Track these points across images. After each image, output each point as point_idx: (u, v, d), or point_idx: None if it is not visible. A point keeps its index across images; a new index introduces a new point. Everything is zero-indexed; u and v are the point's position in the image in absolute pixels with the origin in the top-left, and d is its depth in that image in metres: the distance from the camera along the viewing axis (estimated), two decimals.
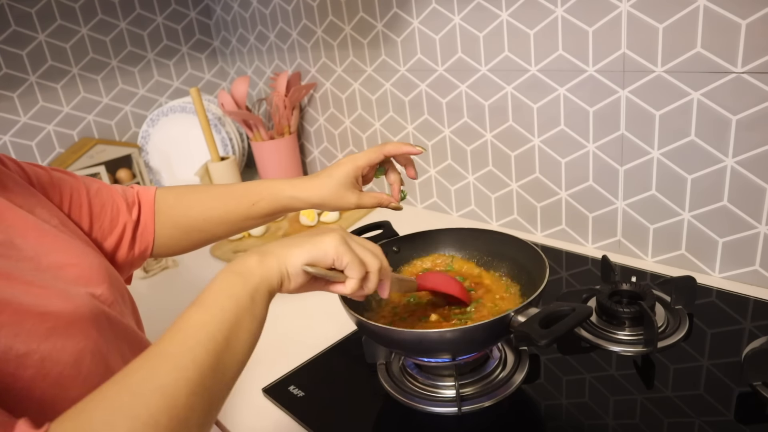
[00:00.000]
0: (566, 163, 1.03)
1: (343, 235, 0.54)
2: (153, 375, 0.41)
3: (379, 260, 0.56)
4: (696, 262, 0.93)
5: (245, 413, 0.76)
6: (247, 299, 0.48)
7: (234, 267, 0.50)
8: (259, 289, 0.49)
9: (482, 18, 1.04)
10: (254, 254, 0.51)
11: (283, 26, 1.48)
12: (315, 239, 0.53)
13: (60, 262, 0.54)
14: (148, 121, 1.58)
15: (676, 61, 0.83)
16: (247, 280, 0.49)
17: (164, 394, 0.39)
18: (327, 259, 0.52)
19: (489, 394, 0.71)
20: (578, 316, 0.58)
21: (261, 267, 0.50)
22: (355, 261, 0.53)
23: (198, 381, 0.42)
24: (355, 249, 0.54)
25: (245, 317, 0.47)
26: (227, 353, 0.45)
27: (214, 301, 0.47)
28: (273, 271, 0.51)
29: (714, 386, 0.69)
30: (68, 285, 0.52)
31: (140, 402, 0.38)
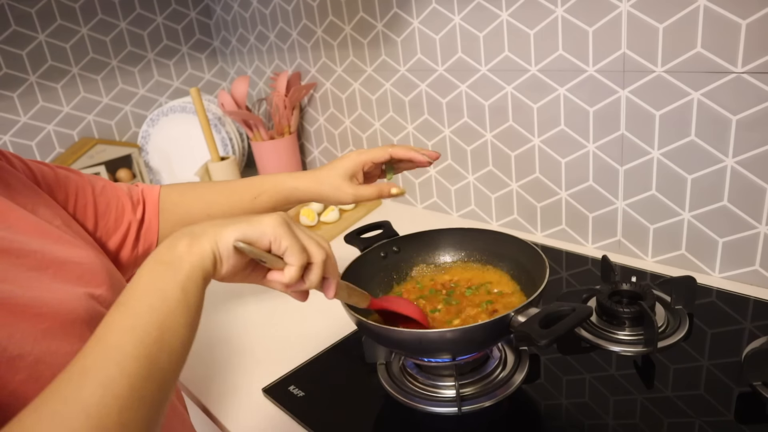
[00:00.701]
0: (566, 163, 1.03)
1: (286, 218, 0.49)
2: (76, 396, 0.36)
3: (324, 252, 0.51)
4: (696, 262, 0.93)
5: (245, 413, 0.76)
6: (178, 292, 0.43)
7: (161, 255, 0.45)
8: (191, 277, 0.44)
9: (482, 18, 1.04)
10: (184, 236, 0.46)
11: (283, 26, 1.48)
12: (253, 218, 0.48)
13: (60, 262, 0.53)
14: (148, 121, 1.58)
15: (676, 61, 0.83)
16: (177, 269, 0.44)
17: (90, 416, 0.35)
18: (263, 240, 0.47)
19: (489, 394, 0.71)
20: (578, 316, 0.58)
21: (191, 252, 0.45)
22: (296, 246, 0.48)
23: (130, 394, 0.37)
24: (299, 234, 0.49)
25: (178, 311, 0.43)
26: (162, 355, 0.40)
27: (140, 299, 0.42)
28: (206, 253, 0.45)
29: (714, 386, 0.69)
30: (67, 285, 0.51)
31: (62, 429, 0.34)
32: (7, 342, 0.42)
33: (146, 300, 0.42)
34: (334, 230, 1.28)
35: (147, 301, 0.42)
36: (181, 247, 0.45)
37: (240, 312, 1.01)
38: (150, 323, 0.41)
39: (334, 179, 0.75)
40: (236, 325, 0.97)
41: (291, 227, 0.49)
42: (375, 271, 0.83)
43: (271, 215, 0.48)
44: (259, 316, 0.99)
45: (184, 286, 0.44)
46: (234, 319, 0.99)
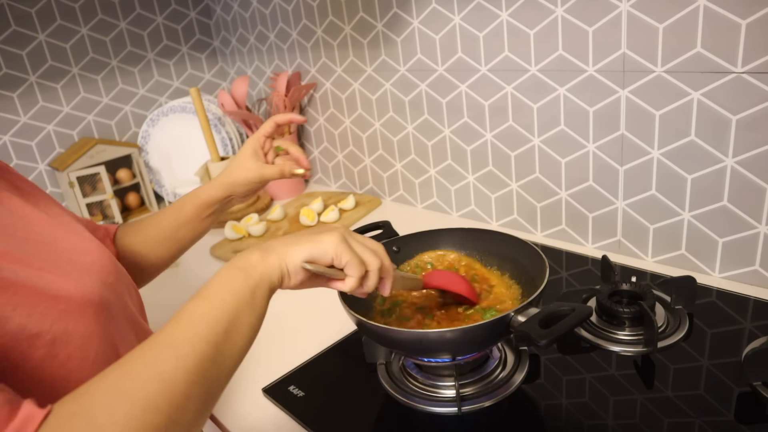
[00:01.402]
0: (566, 163, 1.03)
1: (344, 234, 0.55)
2: (154, 362, 0.42)
3: (379, 259, 0.57)
4: (696, 262, 0.93)
5: (245, 413, 0.76)
6: (248, 294, 0.49)
7: (237, 262, 0.51)
8: (260, 284, 0.50)
9: (482, 18, 1.04)
10: (257, 250, 0.53)
11: (283, 26, 1.48)
12: (315, 237, 0.54)
13: (73, 250, 0.57)
14: (148, 121, 1.58)
15: (676, 61, 0.83)
16: (249, 275, 0.50)
17: (163, 381, 0.40)
18: (326, 258, 0.53)
19: (489, 394, 0.71)
20: (578, 316, 0.58)
21: (262, 263, 0.51)
22: (354, 260, 0.54)
23: (197, 370, 0.43)
24: (355, 248, 0.55)
25: (245, 311, 0.48)
26: (226, 345, 0.46)
27: (216, 294, 0.48)
28: (274, 267, 0.52)
29: (714, 386, 0.69)
30: (80, 272, 0.54)
31: (140, 387, 0.39)
32: (27, 320, 0.45)
33: (221, 295, 0.48)
34: None
35: (221, 296, 0.48)
36: (255, 258, 0.52)
37: None
38: (221, 315, 0.47)
39: (239, 162, 0.82)
40: None
41: (349, 242, 0.55)
42: None
43: (331, 232, 0.54)
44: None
45: (254, 290, 0.50)
46: None
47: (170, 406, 0.40)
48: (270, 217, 1.38)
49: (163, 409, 0.39)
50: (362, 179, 1.49)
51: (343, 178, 1.55)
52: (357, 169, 1.49)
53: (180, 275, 1.19)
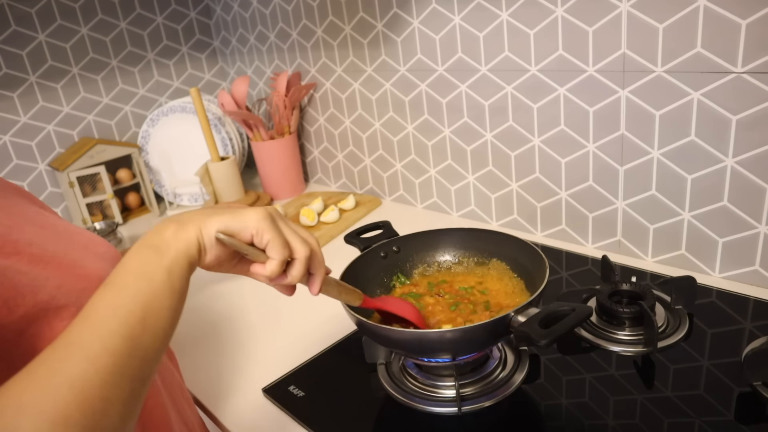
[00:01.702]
0: (566, 163, 1.03)
1: (272, 213, 0.51)
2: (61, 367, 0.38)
3: (308, 248, 0.52)
4: (696, 262, 0.93)
5: (245, 413, 0.76)
6: (163, 275, 0.45)
7: (149, 240, 0.47)
8: (176, 262, 0.46)
9: (482, 18, 1.04)
10: (171, 223, 0.48)
11: (283, 26, 1.48)
12: (239, 210, 0.50)
13: (87, 241, 0.57)
14: (148, 121, 1.58)
15: (676, 61, 0.83)
16: (163, 254, 0.46)
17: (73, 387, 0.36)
18: (245, 233, 0.49)
19: (489, 394, 0.71)
20: (578, 316, 0.58)
21: (177, 238, 0.47)
22: (278, 240, 0.49)
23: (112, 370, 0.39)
24: (283, 229, 0.51)
25: (162, 294, 0.44)
26: (144, 335, 0.42)
27: (126, 280, 0.44)
28: (191, 240, 0.47)
29: (714, 386, 0.69)
30: (96, 258, 0.54)
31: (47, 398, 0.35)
32: (56, 291, 0.46)
33: (132, 281, 0.44)
34: (334, 230, 1.28)
35: (133, 282, 0.44)
36: (168, 233, 0.47)
37: (240, 312, 1.01)
38: (135, 303, 0.42)
39: None
40: (236, 325, 0.97)
41: (275, 221, 0.50)
42: (375, 271, 0.83)
43: (257, 208, 0.50)
44: (259, 316, 0.99)
45: (170, 270, 0.45)
46: (234, 319, 0.99)
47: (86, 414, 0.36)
48: None
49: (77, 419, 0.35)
50: (362, 179, 1.49)
51: (343, 178, 1.55)
52: (357, 169, 1.49)
53: None
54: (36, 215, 0.56)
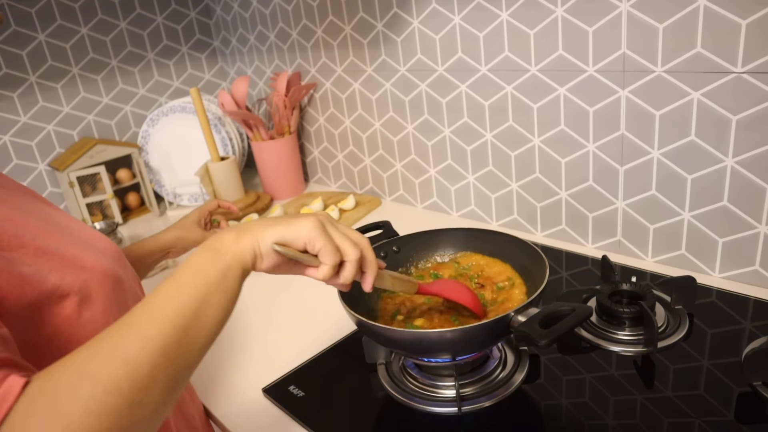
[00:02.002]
0: (566, 163, 1.03)
1: (323, 220, 0.54)
2: (120, 344, 0.42)
3: (358, 250, 0.55)
4: (696, 262, 0.93)
5: (245, 413, 0.76)
6: (219, 275, 0.49)
7: (211, 243, 0.51)
8: (232, 265, 0.50)
9: (482, 18, 1.04)
10: (232, 231, 0.52)
11: (283, 26, 1.48)
12: (292, 220, 0.53)
13: (89, 237, 0.61)
14: (148, 121, 1.58)
15: (676, 61, 0.83)
16: (221, 256, 0.50)
17: (127, 363, 0.41)
18: (299, 242, 0.53)
19: (489, 394, 0.71)
20: (578, 316, 0.58)
21: (235, 245, 0.51)
22: (329, 247, 0.53)
23: (162, 353, 0.43)
24: (333, 235, 0.54)
25: (216, 293, 0.48)
26: (194, 327, 0.46)
27: (186, 275, 0.48)
28: (247, 248, 0.51)
29: (714, 386, 0.69)
30: (97, 253, 0.58)
31: (105, 369, 0.40)
32: (60, 282, 0.50)
33: (191, 277, 0.48)
34: None
35: (192, 277, 0.48)
36: (228, 239, 0.51)
37: (240, 312, 1.01)
38: (191, 296, 0.47)
39: (184, 228, 0.96)
40: (237, 325, 0.97)
41: (326, 228, 0.54)
42: None
43: (309, 217, 0.53)
44: (260, 316, 0.99)
45: (225, 272, 0.49)
46: (234, 319, 0.99)
47: (133, 387, 0.40)
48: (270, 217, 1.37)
49: (126, 391, 0.40)
50: (362, 179, 1.49)
51: (343, 178, 1.55)
52: (357, 169, 1.49)
53: None
54: (40, 211, 0.59)
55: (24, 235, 0.50)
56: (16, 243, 0.49)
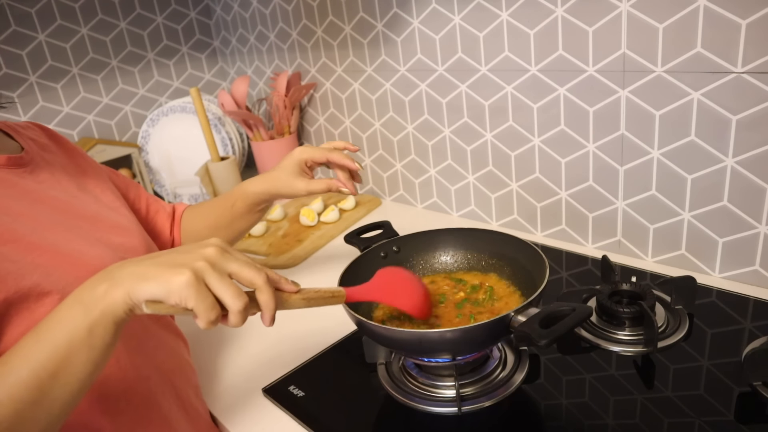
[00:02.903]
0: (566, 163, 1.03)
1: (201, 269, 0.48)
2: None
3: (241, 301, 0.50)
4: (696, 262, 0.93)
5: (245, 413, 0.76)
6: (84, 332, 0.46)
7: (80, 294, 0.48)
8: (101, 321, 0.47)
9: (482, 18, 1.04)
10: (105, 280, 0.48)
11: (283, 26, 1.48)
12: (166, 274, 0.48)
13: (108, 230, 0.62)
14: (148, 121, 1.58)
15: (676, 61, 0.83)
16: (88, 311, 0.47)
17: None
18: (171, 299, 0.48)
19: (489, 394, 0.71)
20: (578, 316, 0.58)
21: (105, 298, 0.47)
22: (201, 306, 0.48)
23: (14, 417, 0.42)
24: (213, 287, 0.49)
25: (80, 350, 0.46)
26: (55, 387, 0.45)
27: (47, 332, 0.46)
28: (118, 302, 0.47)
29: (714, 386, 0.69)
30: (106, 247, 0.58)
31: None
32: (42, 279, 0.50)
33: (53, 335, 0.46)
34: (334, 230, 1.28)
35: (54, 336, 0.46)
36: (99, 291, 0.47)
37: None
38: (49, 357, 0.45)
39: (285, 177, 0.85)
40: None
41: (205, 279, 0.48)
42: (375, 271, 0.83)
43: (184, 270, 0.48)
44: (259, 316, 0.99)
45: (91, 329, 0.46)
46: None
47: None
48: (270, 217, 1.38)
49: None
50: (362, 179, 1.49)
51: None
52: None
53: None
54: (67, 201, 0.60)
55: (20, 229, 0.51)
56: (9, 237, 0.49)
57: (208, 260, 0.49)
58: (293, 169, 0.85)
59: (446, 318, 0.75)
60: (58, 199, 0.60)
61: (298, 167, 0.85)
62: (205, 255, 0.49)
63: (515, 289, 0.79)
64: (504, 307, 0.76)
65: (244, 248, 1.24)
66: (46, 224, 0.54)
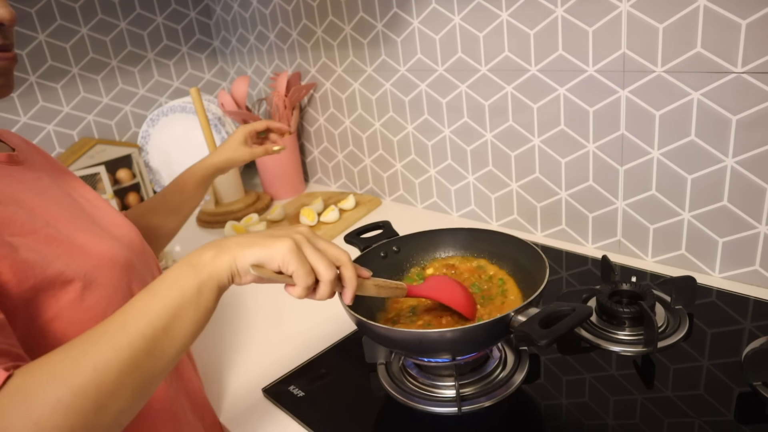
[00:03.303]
0: (566, 163, 1.03)
1: (299, 240, 0.55)
2: (92, 350, 0.45)
3: (333, 271, 0.56)
4: (696, 262, 0.93)
5: (245, 413, 0.76)
6: (194, 291, 0.50)
7: (191, 258, 0.53)
8: (208, 282, 0.51)
9: (482, 18, 1.04)
10: (212, 248, 0.53)
11: (283, 26, 1.48)
12: (268, 241, 0.54)
13: (108, 223, 0.65)
14: (148, 121, 1.58)
15: (676, 61, 0.83)
16: (198, 272, 0.51)
17: (96, 369, 0.43)
18: (273, 264, 0.53)
19: (489, 394, 0.71)
20: (578, 316, 0.58)
21: (213, 262, 0.52)
22: (301, 270, 0.54)
23: (130, 362, 0.45)
24: (309, 256, 0.55)
25: (189, 307, 0.50)
26: (165, 339, 0.48)
27: (162, 289, 0.50)
28: (224, 267, 0.52)
29: (714, 386, 0.69)
30: (112, 239, 0.61)
31: (75, 372, 0.43)
32: (65, 268, 0.53)
33: (167, 290, 0.50)
34: (334, 230, 1.28)
35: (167, 291, 0.50)
36: (207, 256, 0.52)
37: (240, 312, 1.01)
38: (164, 309, 0.48)
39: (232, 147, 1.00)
40: (237, 325, 0.97)
41: (302, 249, 0.54)
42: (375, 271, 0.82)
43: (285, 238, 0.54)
44: (259, 316, 0.99)
45: (200, 288, 0.51)
46: (234, 319, 0.99)
47: (99, 392, 0.43)
48: (270, 217, 1.38)
49: (92, 395, 0.42)
50: (362, 179, 1.49)
51: (343, 178, 1.55)
52: (357, 169, 1.49)
53: None
54: (65, 197, 0.63)
55: (37, 221, 0.53)
56: (28, 229, 0.52)
57: (304, 235, 0.56)
58: (238, 140, 1.00)
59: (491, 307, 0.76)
60: (57, 196, 0.62)
61: (243, 139, 1.01)
62: (300, 231, 0.56)
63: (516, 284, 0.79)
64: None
65: None
66: (57, 218, 0.57)
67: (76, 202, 0.64)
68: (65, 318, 0.53)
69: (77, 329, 0.53)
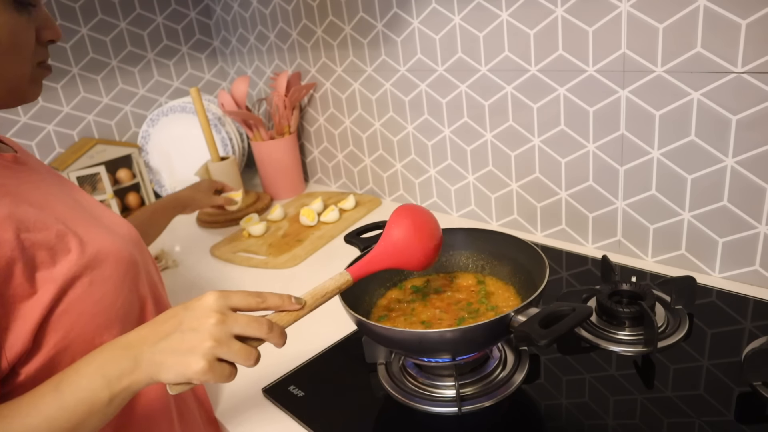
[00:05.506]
0: (566, 163, 1.03)
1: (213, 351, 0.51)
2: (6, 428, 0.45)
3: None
4: (696, 262, 0.93)
5: (245, 413, 0.76)
6: (105, 402, 0.50)
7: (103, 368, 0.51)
8: (122, 393, 0.51)
9: (482, 18, 1.04)
10: (127, 359, 0.51)
11: (283, 26, 1.48)
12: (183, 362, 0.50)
13: (111, 222, 0.67)
14: (148, 121, 1.58)
15: (676, 61, 0.83)
16: (112, 386, 0.50)
17: None
18: (193, 382, 0.52)
19: (489, 394, 0.71)
20: (578, 316, 0.58)
21: (131, 377, 0.51)
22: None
23: None
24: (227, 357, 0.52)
25: (97, 416, 0.50)
26: None
27: (69, 397, 0.49)
28: (142, 382, 0.51)
29: (714, 386, 0.69)
30: (116, 237, 0.63)
31: None
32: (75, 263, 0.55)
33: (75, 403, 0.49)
34: (334, 230, 1.28)
35: (75, 404, 0.49)
36: (123, 368, 0.51)
37: None
38: (69, 419, 0.49)
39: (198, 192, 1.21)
40: None
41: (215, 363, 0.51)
42: None
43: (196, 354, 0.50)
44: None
45: (113, 399, 0.50)
46: None
47: None
48: (270, 217, 1.38)
49: None
50: (362, 179, 1.49)
51: (343, 178, 1.55)
52: (357, 169, 1.49)
53: (180, 275, 1.19)
54: (68, 197, 0.65)
55: (48, 219, 0.55)
56: (41, 226, 0.54)
57: (215, 338, 0.51)
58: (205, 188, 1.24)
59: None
60: (61, 195, 0.63)
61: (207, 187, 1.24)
62: (211, 333, 0.51)
63: (515, 290, 0.79)
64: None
65: (245, 248, 1.24)
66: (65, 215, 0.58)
67: (77, 201, 0.66)
68: (74, 312, 0.54)
69: (85, 322, 0.55)
